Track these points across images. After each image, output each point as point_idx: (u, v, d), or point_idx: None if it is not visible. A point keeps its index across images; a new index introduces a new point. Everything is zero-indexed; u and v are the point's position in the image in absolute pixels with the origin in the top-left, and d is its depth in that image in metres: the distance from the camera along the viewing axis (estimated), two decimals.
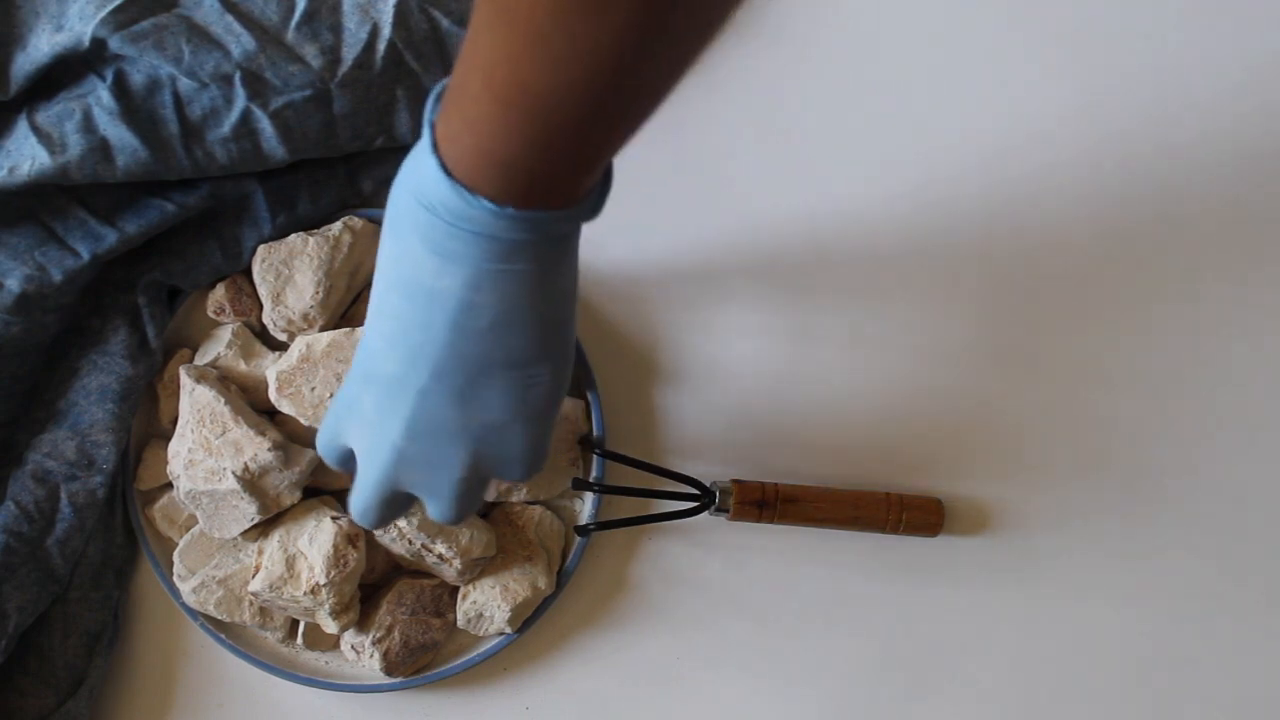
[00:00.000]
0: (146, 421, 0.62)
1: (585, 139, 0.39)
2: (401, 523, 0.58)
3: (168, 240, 0.60)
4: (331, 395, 0.57)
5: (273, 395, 0.58)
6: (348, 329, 0.58)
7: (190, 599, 0.60)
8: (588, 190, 0.42)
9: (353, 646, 0.61)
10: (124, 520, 0.61)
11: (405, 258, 0.43)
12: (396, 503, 0.49)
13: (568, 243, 0.44)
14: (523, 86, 0.37)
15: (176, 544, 0.60)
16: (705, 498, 0.62)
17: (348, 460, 0.50)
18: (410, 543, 0.58)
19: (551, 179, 0.40)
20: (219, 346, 0.60)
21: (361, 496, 0.49)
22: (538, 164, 0.39)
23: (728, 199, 0.64)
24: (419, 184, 0.41)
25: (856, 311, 0.65)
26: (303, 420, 0.58)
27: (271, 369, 0.58)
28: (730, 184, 0.65)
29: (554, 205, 0.41)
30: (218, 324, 0.61)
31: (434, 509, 0.49)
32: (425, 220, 0.41)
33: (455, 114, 0.39)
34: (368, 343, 0.46)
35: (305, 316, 0.59)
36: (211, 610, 0.60)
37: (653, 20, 0.35)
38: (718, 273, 0.64)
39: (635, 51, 0.36)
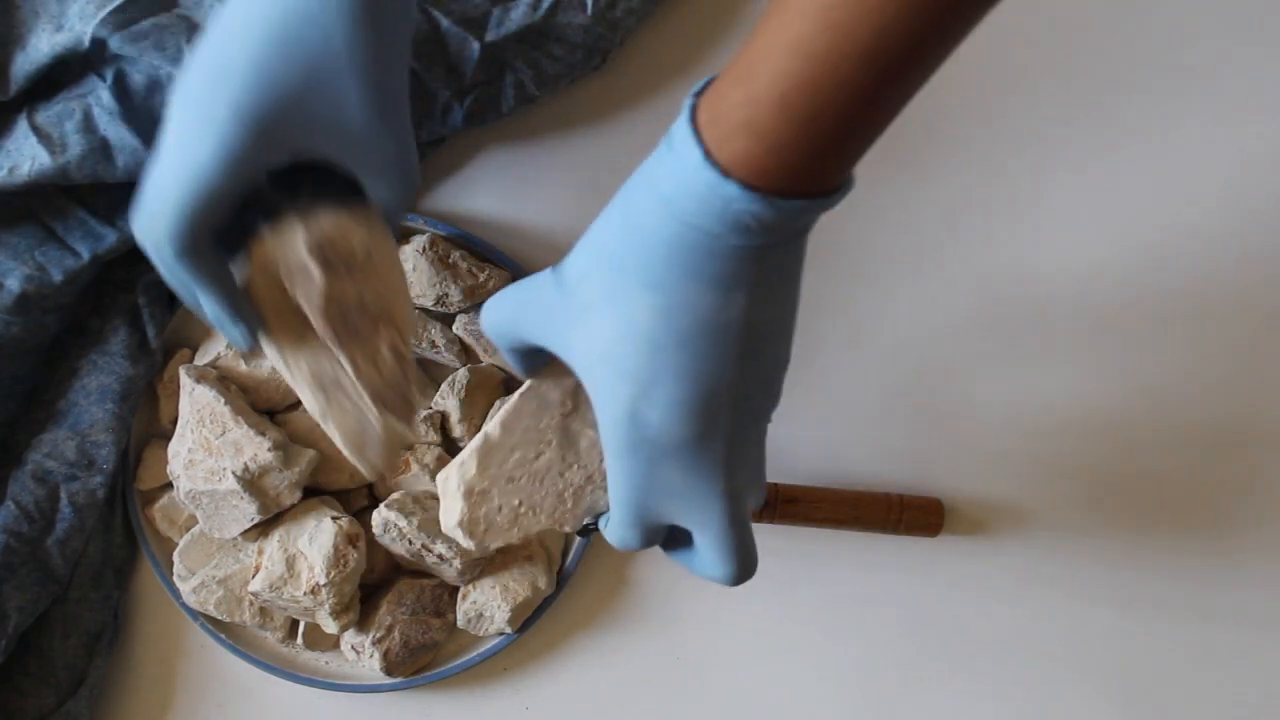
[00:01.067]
0: (146, 421, 0.62)
1: (881, 122, 0.37)
2: (402, 522, 0.58)
3: None
4: (520, 503, 0.48)
5: (476, 550, 0.49)
6: (480, 442, 0.48)
7: (190, 599, 0.60)
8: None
9: (353, 646, 0.61)
10: (124, 520, 0.61)
11: (677, 308, 0.38)
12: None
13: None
14: (877, 53, 0.34)
15: (176, 544, 0.60)
16: None
17: (659, 534, 0.45)
18: (410, 543, 0.58)
19: (837, 165, 0.37)
20: (219, 346, 0.60)
21: (729, 555, 0.44)
22: (850, 143, 0.37)
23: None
24: (693, 218, 0.37)
25: (857, 311, 0.65)
26: (513, 539, 0.49)
27: (451, 525, 0.48)
28: None
29: (826, 191, 0.38)
30: None
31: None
32: (701, 252, 0.37)
33: (741, 118, 0.36)
34: (644, 415, 0.41)
35: None
36: (211, 610, 0.60)
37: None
38: None
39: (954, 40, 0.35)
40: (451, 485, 0.48)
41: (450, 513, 0.48)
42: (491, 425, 0.48)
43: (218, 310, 0.47)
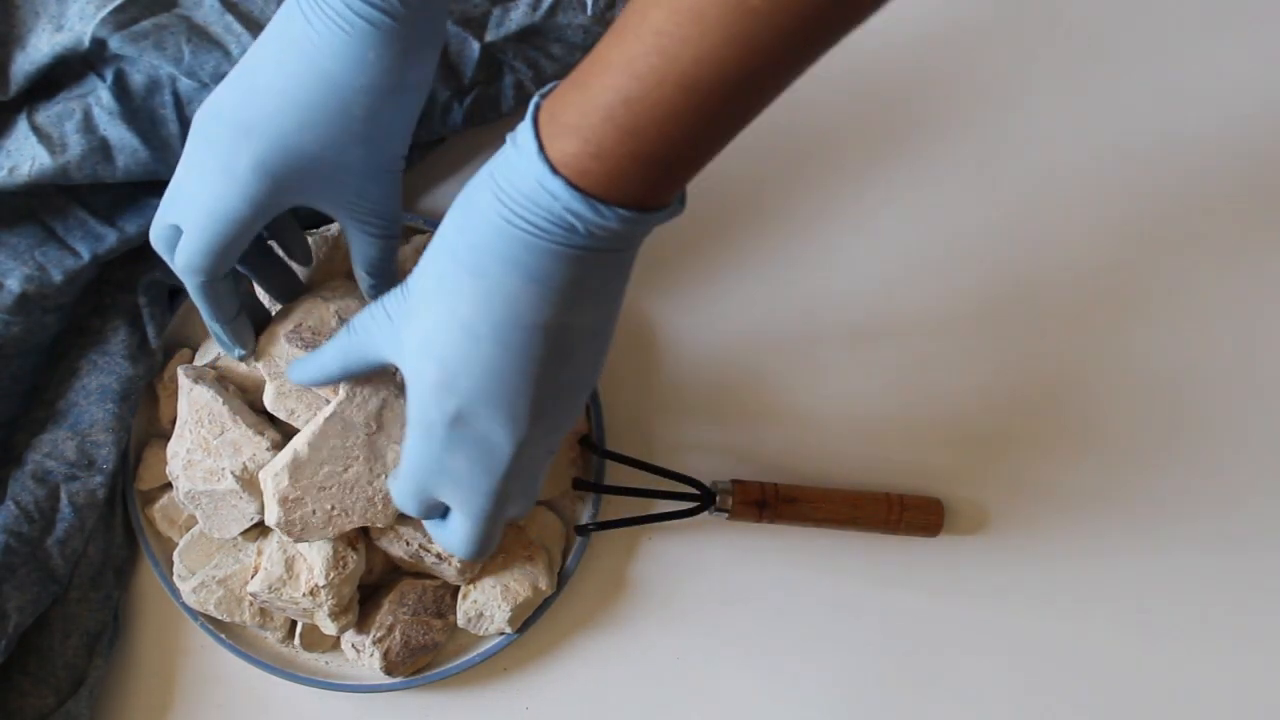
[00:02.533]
0: (146, 421, 0.62)
1: (704, 146, 0.38)
2: (399, 525, 0.58)
3: None
4: (333, 507, 0.55)
5: (294, 541, 0.56)
6: (289, 458, 0.54)
7: (190, 599, 0.60)
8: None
9: (353, 645, 0.61)
10: (124, 520, 0.61)
11: (496, 297, 0.40)
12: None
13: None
14: (696, 81, 0.35)
15: (176, 544, 0.60)
16: (705, 498, 0.62)
17: (435, 509, 0.49)
18: (408, 544, 0.58)
19: (662, 181, 0.39)
20: (219, 346, 0.60)
21: (471, 541, 0.48)
22: (673, 162, 0.38)
23: (728, 198, 0.64)
24: (519, 209, 0.39)
25: (856, 311, 0.65)
26: (329, 535, 0.56)
27: (270, 522, 0.56)
28: (731, 182, 0.65)
29: (661, 205, 0.39)
30: None
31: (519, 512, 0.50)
32: (526, 245, 0.39)
33: (572, 121, 0.37)
34: (446, 403, 0.43)
35: None
36: (211, 610, 0.60)
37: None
38: (717, 273, 0.64)
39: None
40: (269, 490, 0.55)
41: (270, 513, 0.55)
42: (300, 444, 0.54)
43: (220, 332, 0.54)
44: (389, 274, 0.53)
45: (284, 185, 0.47)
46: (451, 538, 0.49)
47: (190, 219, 0.48)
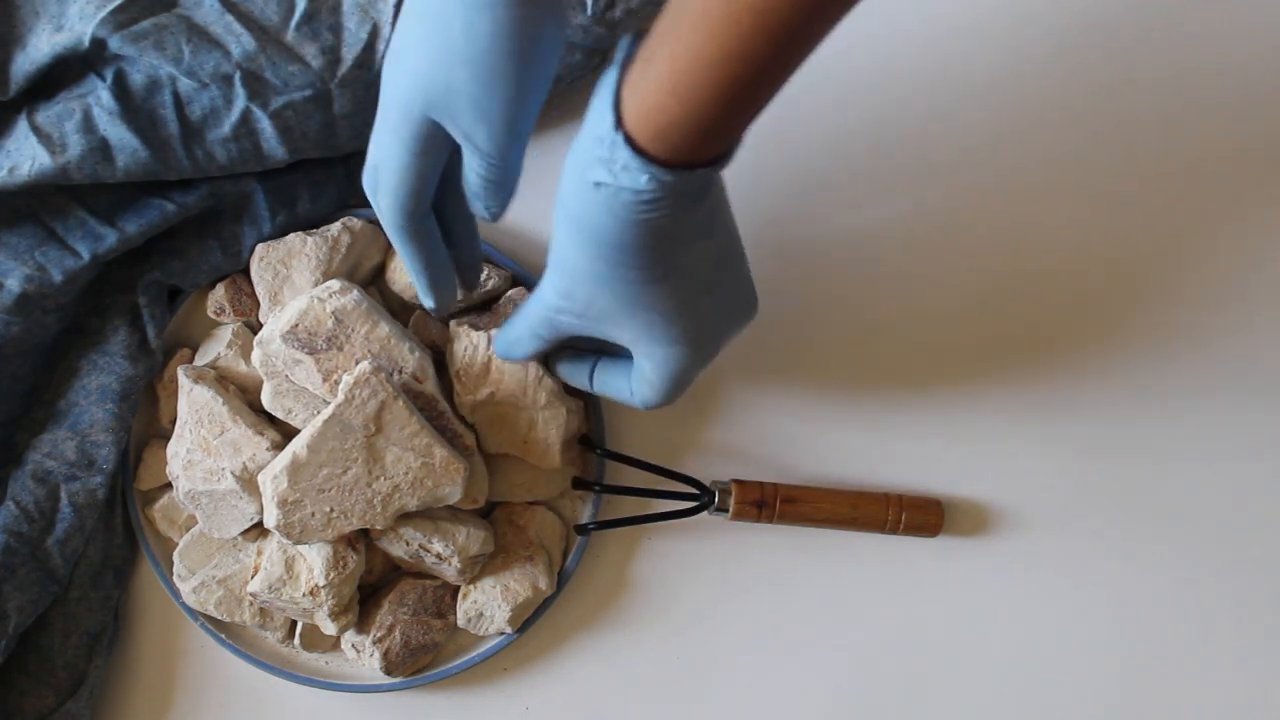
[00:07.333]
0: (146, 421, 0.62)
1: (773, 92, 0.41)
2: (398, 525, 0.58)
3: (168, 240, 0.60)
4: (331, 509, 0.55)
5: (276, 525, 0.56)
6: (288, 460, 0.55)
7: (190, 599, 0.60)
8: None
9: (353, 645, 0.61)
10: (124, 520, 0.61)
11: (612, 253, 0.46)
12: None
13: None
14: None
15: (176, 544, 0.60)
16: (705, 498, 0.62)
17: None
18: (408, 544, 0.58)
19: (723, 135, 0.42)
20: (219, 346, 0.60)
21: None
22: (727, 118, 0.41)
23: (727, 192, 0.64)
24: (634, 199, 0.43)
25: (854, 310, 0.65)
26: (328, 538, 0.56)
27: (270, 525, 0.56)
28: (727, 178, 0.64)
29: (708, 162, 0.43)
30: (218, 324, 0.61)
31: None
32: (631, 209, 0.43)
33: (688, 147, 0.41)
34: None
35: None
36: (211, 610, 0.60)
37: None
38: None
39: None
40: (268, 492, 0.55)
41: (269, 516, 0.55)
42: (299, 446, 0.54)
43: (419, 280, 0.53)
44: (495, 198, 0.52)
45: (411, 107, 0.46)
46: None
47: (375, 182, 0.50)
